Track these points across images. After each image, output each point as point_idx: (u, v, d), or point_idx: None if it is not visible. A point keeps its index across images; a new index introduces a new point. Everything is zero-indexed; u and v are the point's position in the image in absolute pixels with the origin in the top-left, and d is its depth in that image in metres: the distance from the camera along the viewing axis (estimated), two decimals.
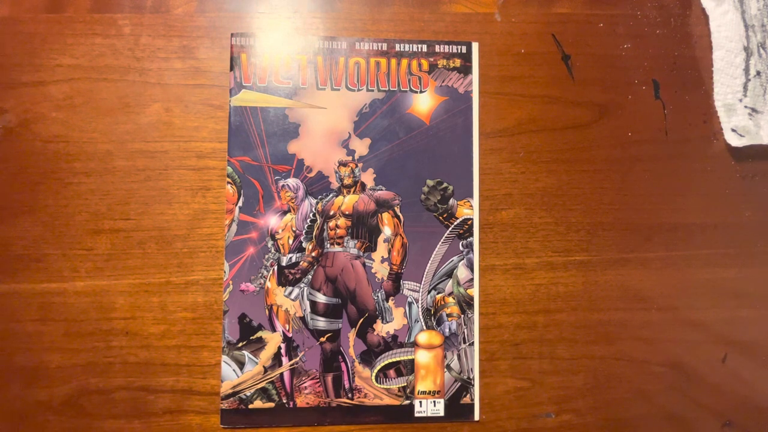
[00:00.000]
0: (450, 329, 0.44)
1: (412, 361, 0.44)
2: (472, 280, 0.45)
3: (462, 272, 0.44)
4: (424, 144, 0.45)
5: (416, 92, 0.45)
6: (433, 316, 0.44)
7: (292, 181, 0.44)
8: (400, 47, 0.45)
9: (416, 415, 0.43)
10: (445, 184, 0.45)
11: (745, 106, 0.47)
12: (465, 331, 0.44)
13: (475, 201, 0.45)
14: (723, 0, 0.48)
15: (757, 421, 0.47)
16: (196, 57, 0.45)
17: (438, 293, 0.44)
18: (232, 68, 0.44)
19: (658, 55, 0.48)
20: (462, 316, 0.44)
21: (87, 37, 0.44)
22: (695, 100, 0.48)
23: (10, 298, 0.42)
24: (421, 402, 0.43)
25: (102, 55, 0.44)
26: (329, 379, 0.43)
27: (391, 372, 0.44)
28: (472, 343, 0.44)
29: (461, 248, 0.45)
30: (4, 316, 0.42)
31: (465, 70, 0.46)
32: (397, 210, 0.44)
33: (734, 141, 0.47)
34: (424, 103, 0.45)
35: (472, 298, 0.44)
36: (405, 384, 0.44)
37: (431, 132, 0.45)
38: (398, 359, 0.44)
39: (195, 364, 0.43)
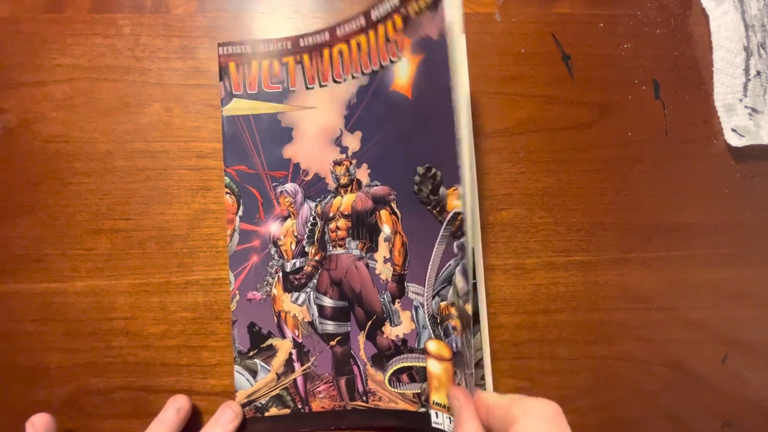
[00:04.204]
0: (456, 346, 0.40)
1: (425, 367, 0.42)
2: (468, 293, 0.38)
3: (459, 281, 0.40)
4: (411, 126, 0.42)
5: (395, 62, 0.42)
6: (440, 325, 0.42)
7: (289, 186, 0.44)
8: (375, 13, 0.42)
9: (433, 425, 0.41)
10: (434, 170, 0.41)
11: (745, 106, 0.47)
12: (467, 353, 0.38)
13: (469, 199, 0.44)
14: (723, 0, 0.48)
15: (757, 421, 0.47)
16: (196, 57, 0.45)
17: (442, 300, 0.42)
18: (221, 78, 0.44)
19: (658, 55, 0.48)
20: (463, 334, 0.39)
21: (87, 37, 0.44)
22: (695, 100, 0.48)
23: (10, 298, 0.42)
24: (437, 413, 0.41)
25: (102, 55, 0.44)
26: (342, 382, 0.43)
27: (404, 377, 0.43)
28: (473, 373, 0.39)
29: (455, 251, 0.40)
30: (4, 316, 0.42)
31: (435, 5, 0.38)
32: (394, 206, 0.44)
33: (734, 141, 0.47)
34: (403, 73, 0.42)
35: (470, 316, 0.38)
36: (419, 390, 0.42)
37: (415, 108, 0.42)
38: (410, 364, 0.42)
39: (195, 364, 0.43)
